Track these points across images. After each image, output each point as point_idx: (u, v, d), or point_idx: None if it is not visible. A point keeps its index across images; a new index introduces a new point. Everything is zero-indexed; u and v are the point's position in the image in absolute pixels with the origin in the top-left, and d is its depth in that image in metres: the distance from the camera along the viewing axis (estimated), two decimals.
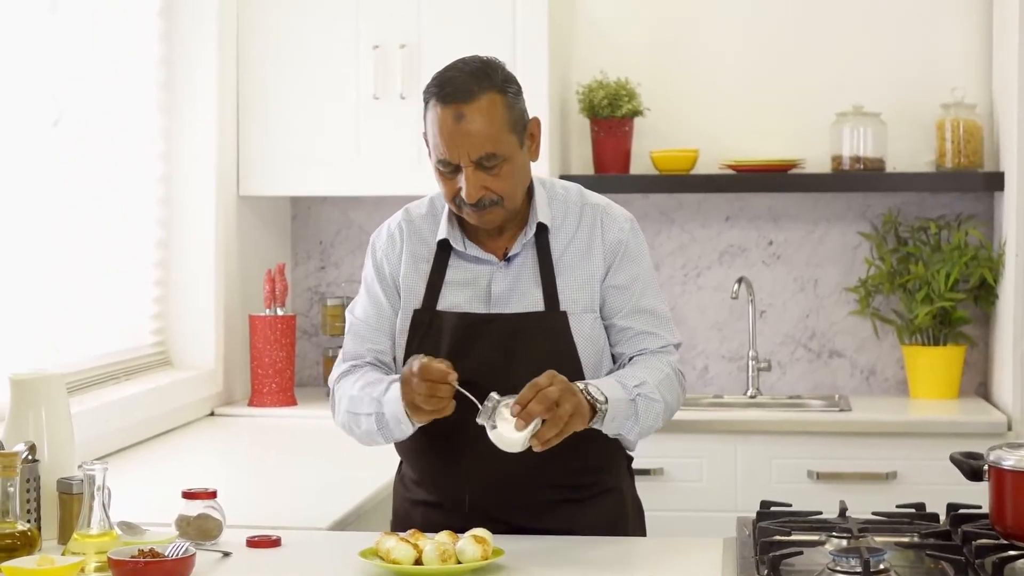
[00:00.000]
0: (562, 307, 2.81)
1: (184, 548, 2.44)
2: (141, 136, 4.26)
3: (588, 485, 2.85)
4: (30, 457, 2.67)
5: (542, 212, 2.83)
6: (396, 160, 4.56)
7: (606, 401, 2.66)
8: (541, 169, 4.51)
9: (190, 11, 4.43)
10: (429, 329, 2.82)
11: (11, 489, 2.50)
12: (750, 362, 4.81)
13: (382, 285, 2.89)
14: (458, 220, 2.84)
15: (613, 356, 2.89)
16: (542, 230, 2.84)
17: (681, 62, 4.92)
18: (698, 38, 4.92)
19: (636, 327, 2.86)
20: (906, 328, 4.71)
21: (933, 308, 4.60)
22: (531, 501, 2.81)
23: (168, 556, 2.41)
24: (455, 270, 2.84)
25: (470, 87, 2.70)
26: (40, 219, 3.65)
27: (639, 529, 2.99)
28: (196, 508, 2.70)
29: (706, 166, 4.83)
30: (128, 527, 2.63)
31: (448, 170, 2.73)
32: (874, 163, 4.70)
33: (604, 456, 2.85)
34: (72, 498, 2.69)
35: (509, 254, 2.83)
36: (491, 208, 2.74)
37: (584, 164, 4.91)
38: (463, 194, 2.72)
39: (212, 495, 2.72)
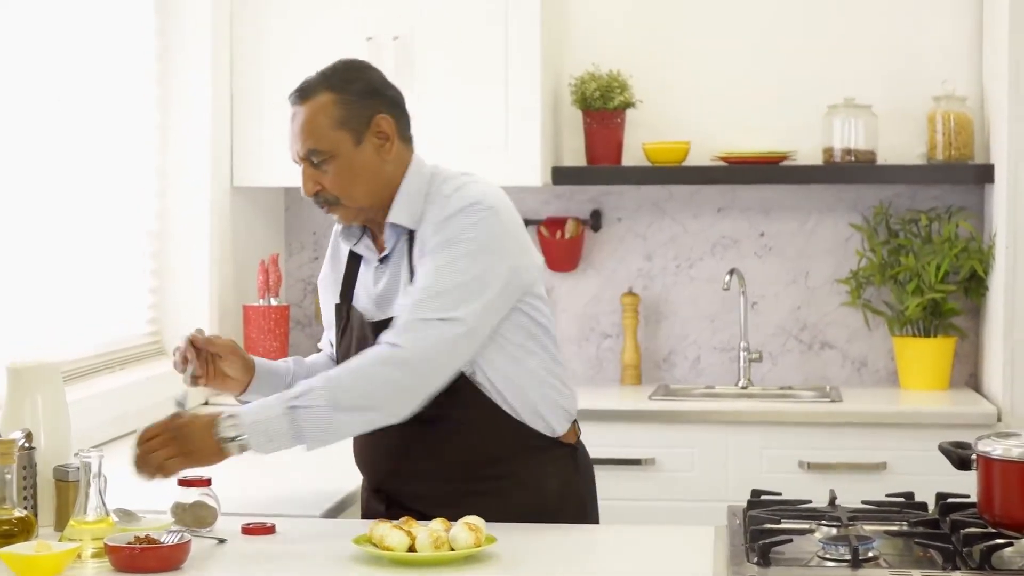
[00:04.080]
0: None
1: (180, 535, 2.47)
2: (136, 128, 4.28)
3: (496, 477, 2.85)
4: (27, 445, 2.69)
5: (396, 212, 2.85)
6: None
7: (233, 439, 2.65)
8: (534, 161, 4.54)
9: (184, 5, 4.44)
10: (346, 325, 2.95)
11: (8, 476, 2.52)
12: (742, 353, 4.83)
13: (320, 277, 3.09)
14: None
15: None
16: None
17: (673, 54, 4.93)
18: (690, 30, 4.93)
19: (403, 305, 2.80)
20: (897, 319, 4.73)
21: (924, 300, 4.62)
22: (436, 492, 2.85)
23: (164, 543, 2.44)
24: (362, 266, 2.96)
25: (308, 88, 2.86)
26: (36, 210, 3.66)
27: (578, 522, 2.91)
28: (191, 496, 2.72)
29: (698, 158, 4.85)
30: (124, 514, 2.65)
31: (301, 166, 2.87)
32: (865, 155, 4.73)
33: (504, 446, 2.85)
34: (68, 485, 2.72)
35: (382, 255, 2.90)
36: (334, 207, 2.86)
37: (576, 156, 4.93)
38: (302, 190, 2.85)
39: (207, 483, 2.74)
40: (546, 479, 2.90)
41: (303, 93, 2.84)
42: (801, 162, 4.81)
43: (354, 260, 2.97)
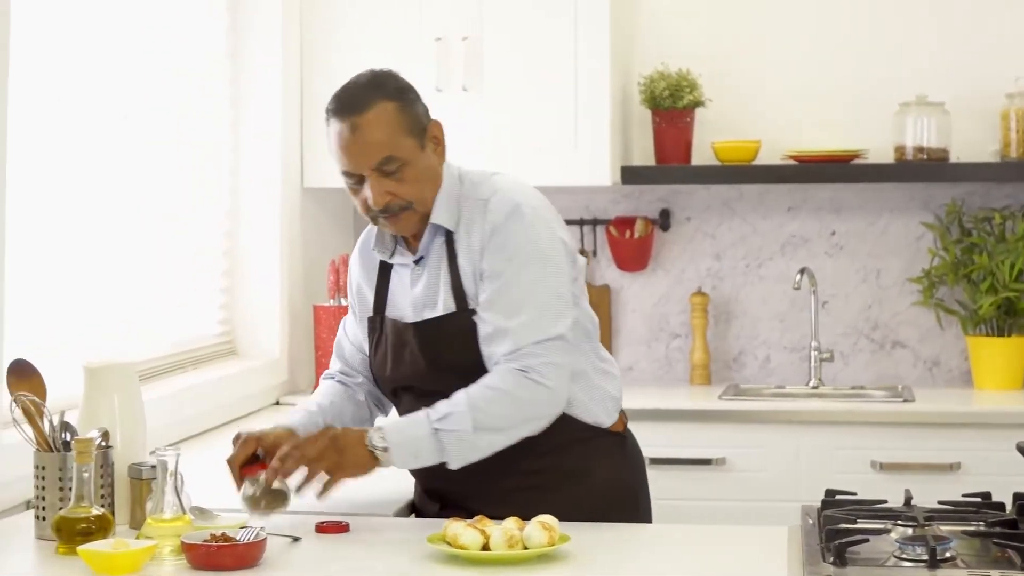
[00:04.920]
0: (471, 306, 2.84)
1: (255, 533, 2.48)
2: (208, 128, 4.31)
3: (547, 469, 2.86)
4: (103, 443, 2.71)
5: (438, 214, 2.87)
6: (457, 152, 4.51)
7: (386, 450, 2.72)
8: (603, 161, 4.54)
9: (255, 5, 4.47)
10: (380, 336, 2.96)
11: (86, 475, 2.55)
12: (812, 353, 4.80)
13: (350, 295, 3.10)
14: None
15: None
16: (451, 230, 2.88)
17: (742, 52, 4.91)
18: (759, 28, 4.91)
19: (493, 322, 2.81)
20: (970, 319, 4.69)
21: (997, 299, 4.58)
22: (490, 489, 2.84)
23: (240, 540, 2.45)
24: (394, 275, 2.96)
25: (361, 99, 2.81)
26: (111, 211, 3.70)
27: (629, 512, 2.93)
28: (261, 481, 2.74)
29: (768, 157, 4.83)
30: (200, 512, 2.67)
31: (353, 181, 2.83)
32: (937, 153, 4.68)
33: (550, 440, 2.85)
34: (142, 483, 2.74)
35: (416, 257, 2.90)
36: (403, 213, 2.83)
37: (646, 155, 4.92)
38: (370, 202, 2.80)
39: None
40: (594, 470, 2.91)
41: (358, 105, 2.80)
42: (872, 160, 4.77)
43: (384, 272, 2.98)
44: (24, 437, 2.71)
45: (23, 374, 2.77)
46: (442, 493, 2.95)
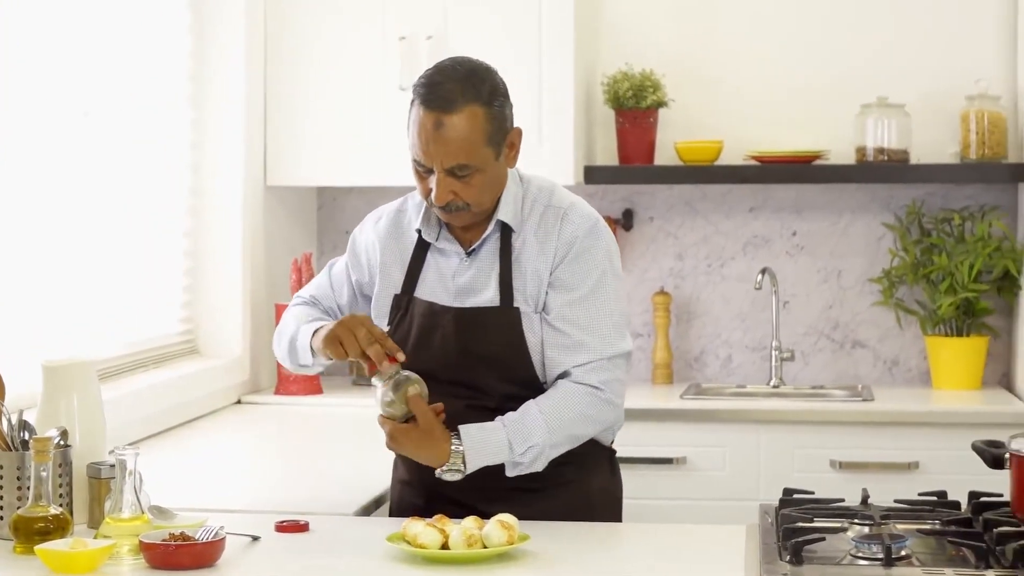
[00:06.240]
0: (516, 303, 2.87)
1: (214, 532, 2.48)
2: (170, 126, 4.30)
3: (549, 475, 2.87)
4: (62, 443, 2.71)
5: (504, 211, 2.89)
6: None
7: (457, 475, 2.78)
8: (567, 160, 4.55)
9: (218, 2, 4.46)
10: (405, 314, 2.94)
11: (44, 474, 2.54)
12: (773, 352, 4.82)
13: (351, 259, 3.08)
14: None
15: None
16: (508, 227, 2.90)
17: (705, 53, 4.93)
18: (723, 29, 4.93)
19: (568, 333, 2.86)
20: (929, 319, 4.72)
21: (956, 299, 4.61)
22: (489, 487, 2.83)
23: (198, 540, 2.45)
24: (432, 258, 2.95)
25: (454, 97, 2.76)
26: (71, 209, 3.69)
27: (614, 519, 3.02)
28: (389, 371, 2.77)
29: (730, 157, 4.85)
30: (159, 511, 2.67)
31: (423, 170, 2.83)
32: (898, 154, 4.71)
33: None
34: (100, 483, 2.74)
35: (470, 248, 2.91)
36: (457, 212, 2.84)
37: (609, 155, 4.93)
38: (432, 196, 2.81)
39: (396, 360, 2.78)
40: (589, 481, 2.96)
41: (449, 103, 2.75)
42: (834, 161, 4.80)
43: (419, 254, 2.96)
44: None
45: None
46: (435, 485, 2.86)
